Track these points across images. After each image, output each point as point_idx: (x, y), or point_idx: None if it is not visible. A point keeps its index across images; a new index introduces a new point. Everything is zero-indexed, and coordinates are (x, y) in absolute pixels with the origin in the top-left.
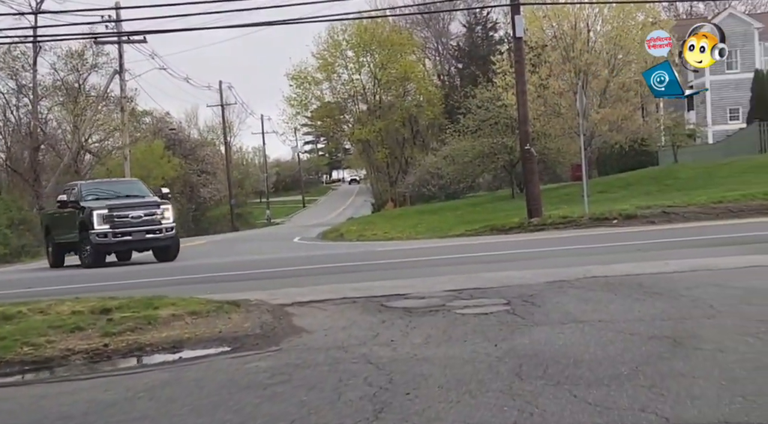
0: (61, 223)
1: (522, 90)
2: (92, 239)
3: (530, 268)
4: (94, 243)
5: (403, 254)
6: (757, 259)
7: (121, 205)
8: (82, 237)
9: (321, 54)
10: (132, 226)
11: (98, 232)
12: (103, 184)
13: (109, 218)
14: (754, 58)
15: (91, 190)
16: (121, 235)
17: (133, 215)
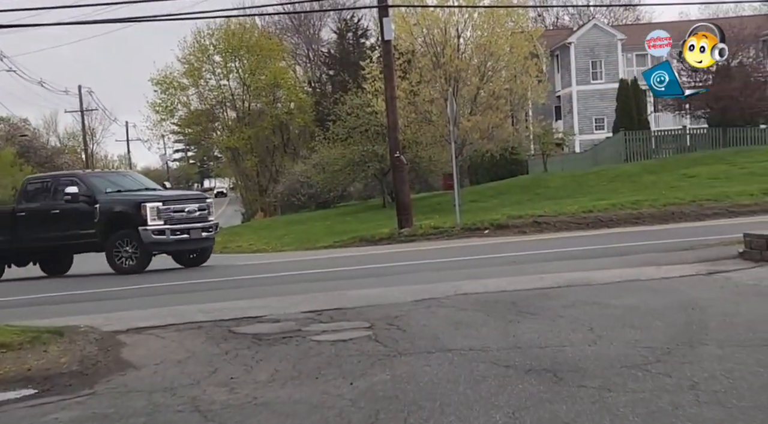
0: (50, 220)
1: (391, 96)
2: (145, 238)
3: (398, 284)
4: (148, 242)
5: (265, 268)
6: (629, 272)
7: (174, 197)
8: (115, 236)
9: (187, 59)
10: (189, 222)
11: (154, 228)
12: (108, 175)
13: (164, 213)
14: (617, 68)
15: (104, 181)
16: (180, 232)
17: (189, 209)
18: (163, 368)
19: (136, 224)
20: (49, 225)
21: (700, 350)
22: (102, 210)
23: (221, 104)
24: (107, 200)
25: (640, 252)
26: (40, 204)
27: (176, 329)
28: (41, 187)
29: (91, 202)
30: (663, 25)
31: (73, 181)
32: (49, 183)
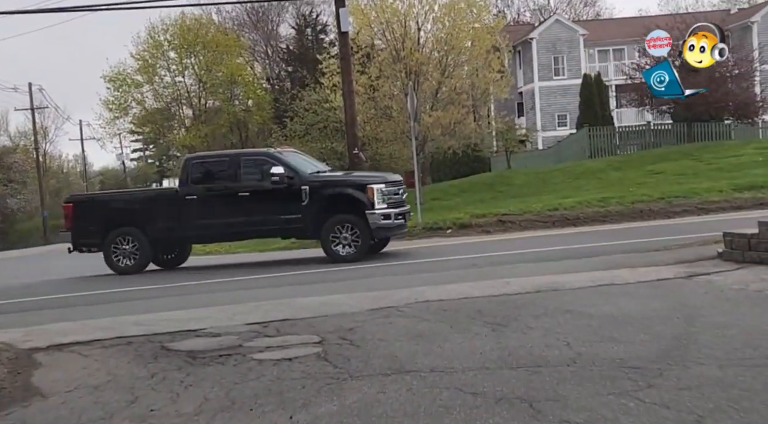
0: (236, 204)
1: (349, 90)
2: (373, 223)
3: (354, 290)
4: (375, 227)
5: (213, 273)
6: (601, 276)
7: (390, 179)
8: (332, 222)
9: (141, 55)
10: (401, 205)
11: (381, 212)
12: (290, 154)
13: (387, 195)
14: (580, 64)
15: (298, 160)
16: (400, 216)
17: (401, 191)
18: (75, 397)
19: (362, 207)
20: (235, 210)
21: (697, 370)
22: (311, 192)
23: (177, 102)
24: (316, 181)
25: (610, 253)
26: (220, 186)
27: (103, 345)
28: (216, 168)
29: (297, 184)
30: (624, 21)
31: (269, 160)
32: (227, 162)
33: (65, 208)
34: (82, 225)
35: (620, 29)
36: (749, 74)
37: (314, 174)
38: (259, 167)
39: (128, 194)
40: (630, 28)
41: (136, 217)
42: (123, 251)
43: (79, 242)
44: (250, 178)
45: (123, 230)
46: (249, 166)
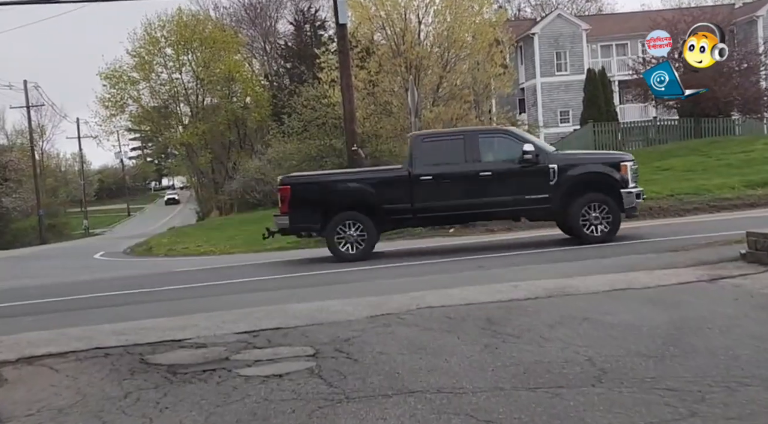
0: (476, 184)
1: (347, 84)
2: (627, 202)
3: (351, 294)
4: (629, 207)
5: (205, 276)
6: (616, 279)
7: (630, 156)
8: (581, 201)
9: (137, 52)
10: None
11: (634, 191)
12: (519, 132)
13: (635, 173)
14: (582, 59)
15: (534, 138)
16: (642, 195)
17: (636, 169)
18: (36, 422)
19: (616, 186)
20: (475, 190)
21: (744, 394)
22: (559, 171)
23: (174, 99)
24: (564, 160)
25: (622, 254)
26: (458, 165)
27: (77, 357)
28: (450, 146)
29: (543, 162)
30: (627, 15)
31: (509, 138)
32: (463, 141)
33: (281, 191)
34: (300, 209)
35: (623, 24)
36: (757, 68)
37: (555, 153)
38: (498, 145)
39: (352, 175)
40: (634, 23)
41: (361, 199)
42: (348, 237)
43: (298, 227)
44: (490, 157)
45: (348, 214)
46: (487, 145)
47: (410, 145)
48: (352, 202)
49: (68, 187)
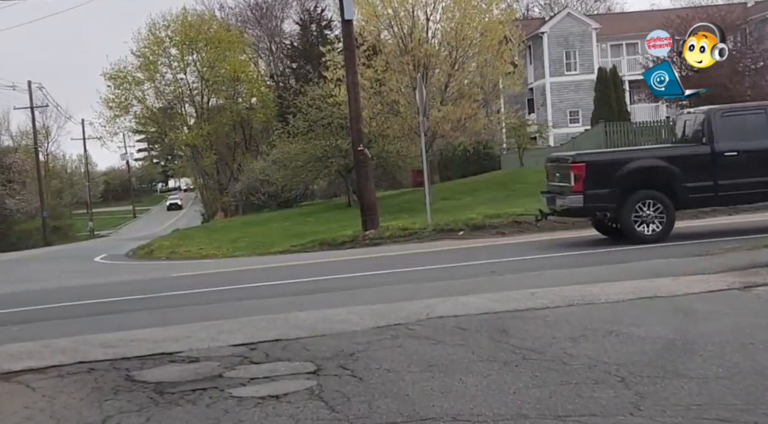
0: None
1: (353, 81)
2: None
3: (357, 302)
4: None
5: (206, 281)
6: (641, 286)
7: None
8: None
9: (142, 52)
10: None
11: None
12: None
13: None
14: (592, 59)
15: None
16: None
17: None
18: None
19: None
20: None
21: None
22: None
23: (179, 99)
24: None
25: (642, 258)
26: (764, 141)
27: (59, 373)
28: (752, 120)
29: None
30: (637, 14)
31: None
32: (765, 114)
33: (575, 169)
34: (595, 188)
35: (634, 23)
36: None
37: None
38: None
39: (652, 152)
40: (644, 22)
41: (661, 177)
42: (645, 217)
43: (593, 207)
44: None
45: (646, 193)
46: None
47: (706, 120)
48: (651, 181)
49: (73, 188)
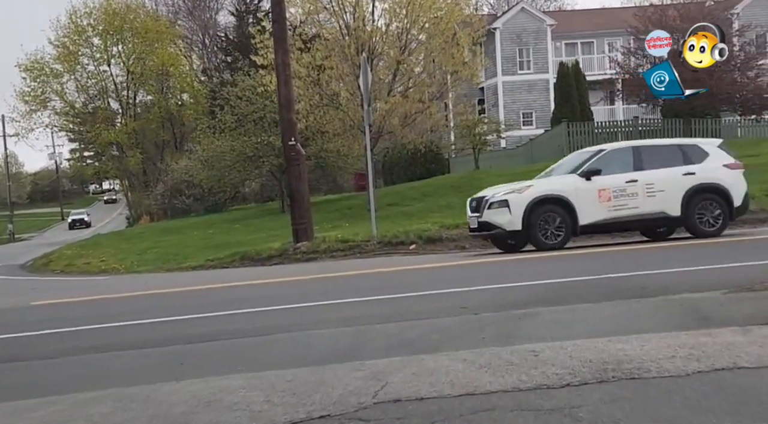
0: None
1: (284, 61)
2: None
3: (267, 361)
4: None
5: (67, 315)
6: (695, 342)
7: None
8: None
9: (61, 41)
10: None
11: None
12: None
13: None
14: (547, 57)
15: None
16: None
17: None
18: None
19: None
20: None
21: None
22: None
23: (102, 94)
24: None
25: (671, 290)
26: None
27: None
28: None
29: None
30: (593, 12)
31: None
32: None
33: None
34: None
35: (589, 21)
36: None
37: None
38: None
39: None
40: (601, 20)
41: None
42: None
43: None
44: None
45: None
46: None
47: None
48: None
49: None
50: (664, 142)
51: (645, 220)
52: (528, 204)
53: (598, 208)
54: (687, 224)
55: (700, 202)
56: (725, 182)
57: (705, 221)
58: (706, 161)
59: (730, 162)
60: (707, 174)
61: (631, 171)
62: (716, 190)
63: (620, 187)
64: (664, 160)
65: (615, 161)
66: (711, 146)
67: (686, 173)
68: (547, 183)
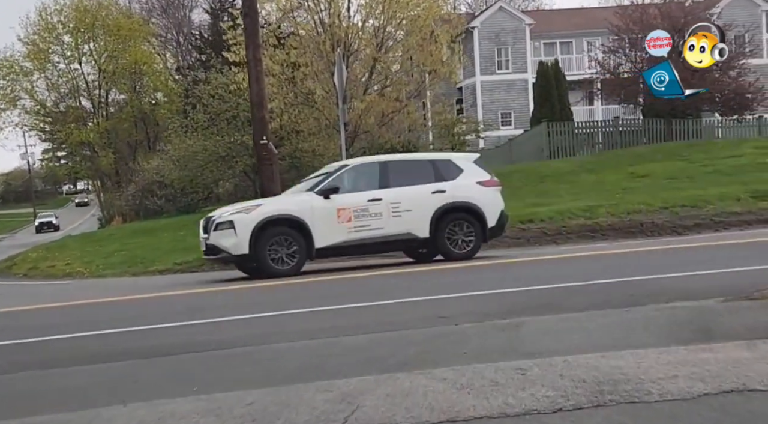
0: None
1: (255, 56)
2: None
3: (227, 378)
4: None
5: (15, 324)
6: (695, 359)
7: None
8: None
9: (31, 39)
10: None
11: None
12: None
13: None
14: (525, 57)
15: None
16: None
17: None
18: None
19: None
20: None
21: None
22: None
23: (73, 93)
24: None
25: (662, 298)
26: None
27: None
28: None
29: None
30: (572, 12)
31: None
32: None
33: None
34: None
35: (568, 20)
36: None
37: None
38: None
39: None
40: (580, 19)
41: None
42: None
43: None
44: None
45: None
46: None
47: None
48: None
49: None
50: (414, 157)
51: (390, 242)
52: (256, 225)
53: (338, 229)
54: (437, 246)
55: (450, 223)
56: (478, 201)
57: (456, 243)
58: (459, 178)
59: (484, 179)
60: (459, 192)
61: (376, 189)
62: (468, 210)
63: (362, 207)
64: (414, 176)
65: (359, 178)
66: (465, 162)
67: (436, 191)
68: (279, 202)
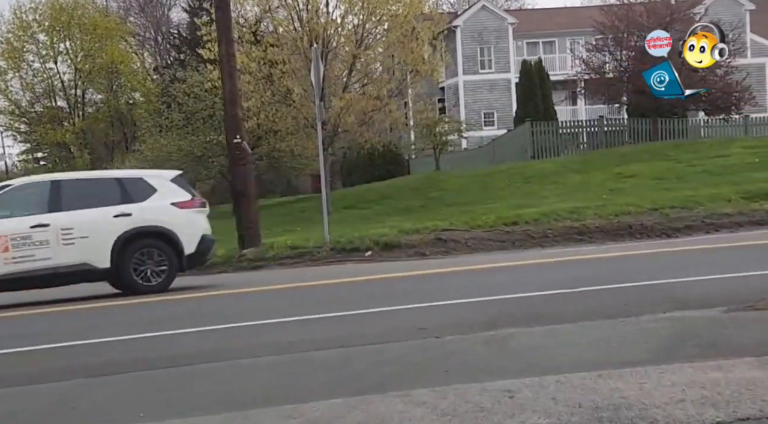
0: None
1: (228, 52)
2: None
3: (183, 402)
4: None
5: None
6: (705, 380)
7: None
8: None
9: (5, 37)
10: None
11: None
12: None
13: None
14: (508, 56)
15: None
16: None
17: None
18: None
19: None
20: None
21: None
22: None
23: (48, 92)
24: None
25: (658, 307)
26: None
27: None
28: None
29: None
30: (555, 11)
31: None
32: None
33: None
34: None
35: (551, 20)
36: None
37: None
38: None
39: None
40: (562, 19)
41: None
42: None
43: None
44: None
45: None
46: None
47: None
48: None
49: None
50: (96, 176)
51: (61, 274)
52: None
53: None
54: (120, 278)
55: (137, 251)
56: (172, 225)
57: (145, 274)
58: (150, 199)
59: (182, 200)
60: (148, 215)
61: (44, 212)
62: (159, 235)
63: (24, 234)
64: (94, 198)
65: (24, 200)
66: (160, 180)
67: (119, 214)
68: None
